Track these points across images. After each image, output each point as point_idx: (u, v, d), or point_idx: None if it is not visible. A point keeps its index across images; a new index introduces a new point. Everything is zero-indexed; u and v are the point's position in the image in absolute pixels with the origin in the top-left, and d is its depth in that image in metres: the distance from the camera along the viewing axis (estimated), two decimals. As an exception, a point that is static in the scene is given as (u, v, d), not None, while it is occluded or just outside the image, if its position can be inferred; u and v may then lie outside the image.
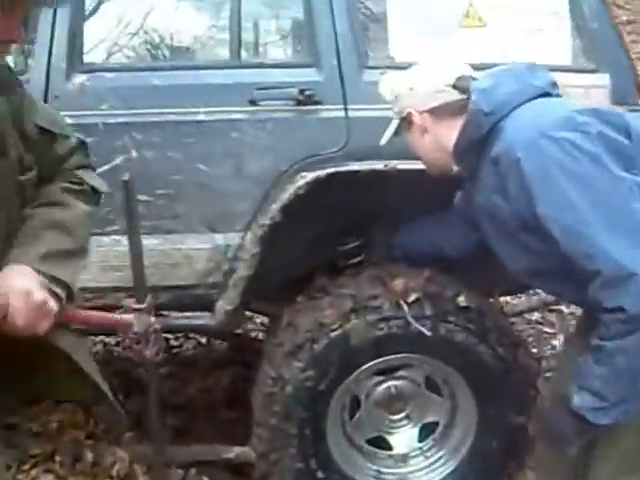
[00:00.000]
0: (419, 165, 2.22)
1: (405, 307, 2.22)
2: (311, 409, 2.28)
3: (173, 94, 2.34)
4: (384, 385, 2.41)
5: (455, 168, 1.89)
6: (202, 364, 3.73)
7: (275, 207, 2.26)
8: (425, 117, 1.86)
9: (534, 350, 4.06)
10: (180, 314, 2.45)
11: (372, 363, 2.29)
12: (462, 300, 2.27)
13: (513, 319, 4.28)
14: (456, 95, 1.80)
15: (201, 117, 2.32)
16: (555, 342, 4.16)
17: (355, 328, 2.24)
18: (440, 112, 1.83)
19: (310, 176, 2.25)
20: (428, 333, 2.20)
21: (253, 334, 4.10)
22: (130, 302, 2.26)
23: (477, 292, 2.39)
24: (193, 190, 2.35)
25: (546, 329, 4.35)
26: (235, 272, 2.33)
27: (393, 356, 2.31)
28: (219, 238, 2.38)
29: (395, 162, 2.27)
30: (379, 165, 2.27)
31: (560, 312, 4.58)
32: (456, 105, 1.80)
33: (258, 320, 4.01)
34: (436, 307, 2.26)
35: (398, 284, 2.27)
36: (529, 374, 2.36)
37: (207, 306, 2.45)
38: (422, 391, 2.45)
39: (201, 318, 2.42)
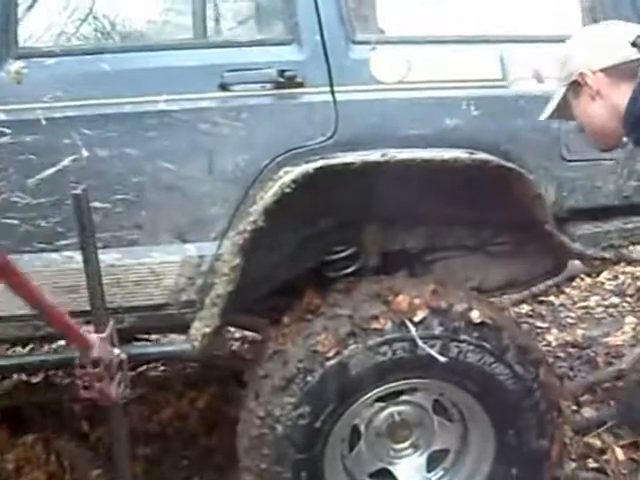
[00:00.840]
0: (422, 154, 1.88)
1: (412, 327, 1.88)
2: (307, 450, 1.95)
3: (128, 81, 1.96)
4: (386, 412, 2.09)
5: (624, 139, 1.71)
6: (175, 384, 3.35)
7: (257, 209, 1.89)
8: (599, 78, 1.65)
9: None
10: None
11: (375, 392, 1.95)
12: (475, 315, 1.95)
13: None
14: (636, 54, 1.60)
15: (162, 107, 1.93)
16: (550, 337, 3.87)
17: (354, 355, 1.92)
18: (616, 73, 1.63)
19: (297, 171, 1.88)
20: (441, 358, 1.86)
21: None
22: (88, 329, 1.89)
23: (490, 304, 2.07)
24: (157, 194, 1.97)
25: (538, 323, 4.07)
26: (212, 288, 1.95)
27: (399, 382, 1.98)
28: (191, 249, 2.00)
29: (394, 151, 1.91)
30: (375, 155, 1.91)
31: (550, 304, 4.31)
32: (634, 66, 1.60)
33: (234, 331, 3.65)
34: (446, 325, 1.96)
35: (402, 301, 1.94)
36: (551, 394, 2.06)
37: (180, 328, 2.07)
38: (429, 416, 2.14)
39: (174, 344, 2.04)
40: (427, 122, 2.02)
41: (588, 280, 4.52)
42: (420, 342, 1.87)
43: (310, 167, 1.88)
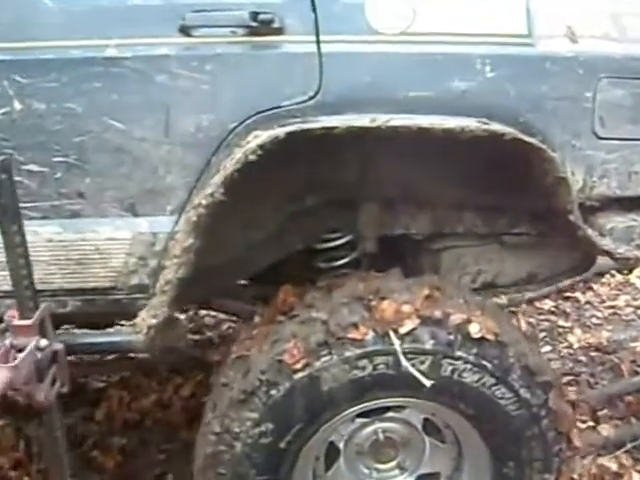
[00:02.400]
0: (420, 120, 1.49)
1: (395, 340, 1.51)
2: (270, 471, 1.63)
3: (72, 21, 1.59)
4: (369, 429, 1.73)
5: None
6: (160, 368, 3.02)
7: (215, 180, 1.52)
8: None
9: (547, 349, 3.36)
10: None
11: (351, 410, 1.58)
12: (475, 329, 1.59)
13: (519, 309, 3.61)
14: None
15: (111, 53, 1.57)
16: (572, 338, 3.45)
17: (327, 368, 1.59)
18: None
19: (264, 136, 1.51)
20: (426, 382, 1.50)
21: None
22: (12, 315, 1.57)
23: (495, 313, 1.69)
24: (104, 157, 1.63)
25: (560, 321, 3.64)
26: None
27: (380, 401, 1.61)
28: (143, 224, 1.65)
29: (386, 116, 1.53)
30: (363, 120, 1.53)
31: (576, 300, 3.86)
32: None
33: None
34: (439, 339, 1.61)
35: (387, 307, 1.58)
36: (561, 423, 1.70)
37: (132, 317, 1.72)
38: (419, 435, 1.78)
39: (119, 334, 1.69)
40: (432, 83, 1.63)
41: (619, 277, 4.04)
42: (403, 360, 1.50)
43: (281, 131, 1.51)
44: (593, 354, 3.27)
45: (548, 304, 3.80)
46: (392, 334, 1.57)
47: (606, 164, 1.73)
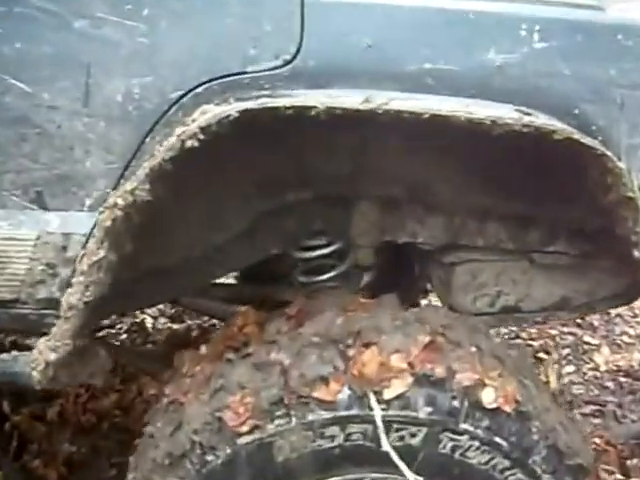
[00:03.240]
0: (435, 104, 1.04)
1: (375, 405, 1.07)
2: None
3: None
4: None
5: None
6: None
7: (139, 174, 1.07)
8: None
9: (570, 369, 2.90)
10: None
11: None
12: (489, 397, 1.15)
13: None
14: None
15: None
16: (599, 358, 2.98)
17: (282, 434, 1.17)
18: None
19: (210, 115, 1.05)
20: (410, 476, 1.06)
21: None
22: None
23: (520, 367, 1.25)
24: (1, 129, 1.17)
25: (587, 337, 3.17)
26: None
27: (351, 476, 1.18)
28: (53, 221, 1.21)
29: (386, 95, 1.06)
30: (353, 100, 1.07)
31: (606, 313, 3.38)
32: None
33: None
34: (438, 405, 1.18)
35: (369, 358, 1.13)
36: None
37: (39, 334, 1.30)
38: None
39: (16, 363, 1.26)
40: (457, 52, 1.16)
41: (656, 288, 3.55)
42: (383, 440, 1.06)
43: (233, 109, 1.05)
44: (622, 380, 2.82)
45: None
46: (372, 397, 1.13)
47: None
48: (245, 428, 1.16)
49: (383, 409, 1.15)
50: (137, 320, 3.08)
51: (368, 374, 1.15)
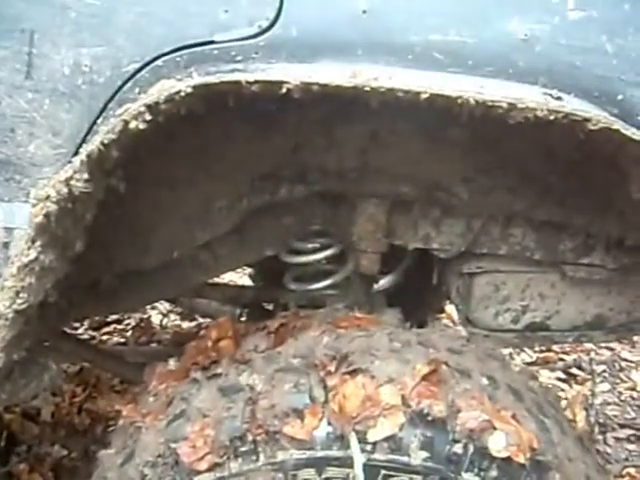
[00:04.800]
0: (438, 84, 0.82)
1: (355, 447, 0.88)
2: None
3: None
4: None
5: None
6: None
7: (78, 158, 0.88)
8: None
9: (605, 387, 2.63)
10: None
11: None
12: (498, 442, 0.93)
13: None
14: None
15: None
16: (636, 376, 2.70)
17: (247, 475, 0.97)
18: None
19: (159, 90, 0.85)
20: None
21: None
22: None
23: (539, 403, 1.03)
24: None
25: (624, 353, 2.89)
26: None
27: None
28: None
29: (376, 71, 0.85)
30: (339, 76, 0.85)
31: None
32: None
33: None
34: (437, 451, 0.96)
35: (354, 391, 0.92)
36: None
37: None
38: None
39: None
40: (471, 21, 0.94)
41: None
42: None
43: (184, 84, 0.84)
44: (662, 402, 2.54)
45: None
46: (353, 438, 0.92)
47: None
48: (203, 465, 0.96)
49: (368, 451, 0.94)
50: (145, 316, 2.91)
51: (349, 409, 0.93)
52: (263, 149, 1.16)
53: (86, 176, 0.87)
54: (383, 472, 0.96)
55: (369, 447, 0.95)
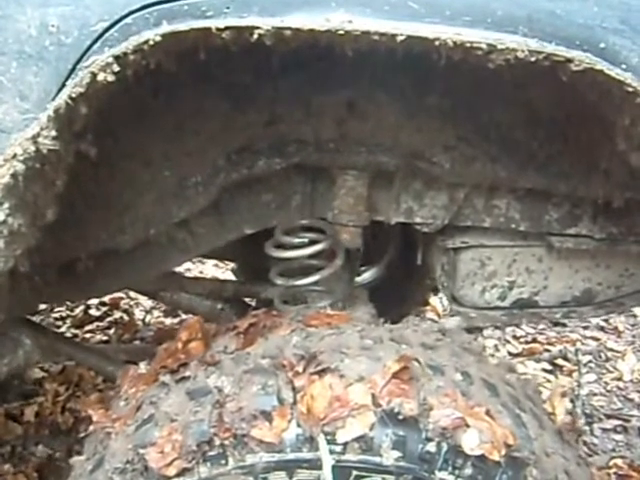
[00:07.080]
0: (410, 27, 0.78)
1: (324, 448, 0.87)
2: None
3: None
4: None
5: None
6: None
7: (45, 114, 0.82)
8: None
9: (591, 378, 2.58)
10: None
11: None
12: (471, 441, 0.91)
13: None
14: None
15: None
16: (623, 366, 2.66)
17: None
18: None
19: (135, 39, 0.80)
20: None
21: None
22: None
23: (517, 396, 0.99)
24: None
25: (610, 343, 2.85)
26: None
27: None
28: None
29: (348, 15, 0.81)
30: (309, 19, 0.80)
31: (633, 315, 3.05)
32: None
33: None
34: (409, 451, 0.92)
35: (322, 390, 0.90)
36: None
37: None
38: None
39: None
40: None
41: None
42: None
43: (153, 32, 0.79)
44: (649, 396, 2.50)
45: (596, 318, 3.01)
46: (321, 440, 0.88)
47: None
48: (172, 471, 0.90)
49: (338, 452, 0.89)
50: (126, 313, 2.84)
51: (317, 410, 0.88)
52: (238, 122, 1.12)
53: (54, 133, 0.82)
54: (355, 473, 0.91)
55: (339, 448, 0.90)
